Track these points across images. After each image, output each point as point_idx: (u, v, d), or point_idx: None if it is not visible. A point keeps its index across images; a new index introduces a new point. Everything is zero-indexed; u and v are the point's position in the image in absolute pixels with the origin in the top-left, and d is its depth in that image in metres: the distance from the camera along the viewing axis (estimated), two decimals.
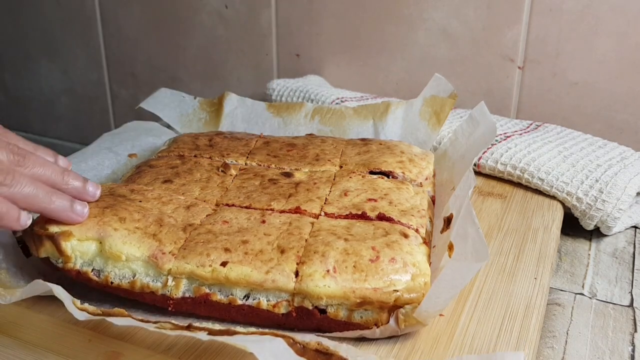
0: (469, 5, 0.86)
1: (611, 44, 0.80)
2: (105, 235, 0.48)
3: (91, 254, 0.48)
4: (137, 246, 0.47)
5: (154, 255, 0.47)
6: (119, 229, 0.48)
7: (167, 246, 0.48)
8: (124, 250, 0.47)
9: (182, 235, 0.49)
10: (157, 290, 0.47)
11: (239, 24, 1.04)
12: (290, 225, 0.50)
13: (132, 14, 1.13)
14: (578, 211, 0.65)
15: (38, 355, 0.44)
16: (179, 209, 0.52)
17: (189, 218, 0.51)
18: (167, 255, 0.47)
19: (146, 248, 0.47)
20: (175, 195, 0.55)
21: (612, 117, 0.83)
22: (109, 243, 0.47)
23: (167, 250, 0.47)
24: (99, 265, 0.48)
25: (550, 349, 0.49)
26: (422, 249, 0.48)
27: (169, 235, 0.48)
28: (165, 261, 0.47)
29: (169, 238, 0.48)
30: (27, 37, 1.27)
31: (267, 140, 0.68)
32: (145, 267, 0.47)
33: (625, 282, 0.58)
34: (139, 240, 0.48)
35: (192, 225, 0.50)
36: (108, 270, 0.48)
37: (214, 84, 1.11)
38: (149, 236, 0.48)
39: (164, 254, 0.47)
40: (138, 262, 0.47)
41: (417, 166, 0.62)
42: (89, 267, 0.48)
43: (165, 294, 0.47)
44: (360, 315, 0.45)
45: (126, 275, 0.48)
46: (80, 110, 1.28)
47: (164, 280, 0.47)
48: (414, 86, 0.92)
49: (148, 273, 0.47)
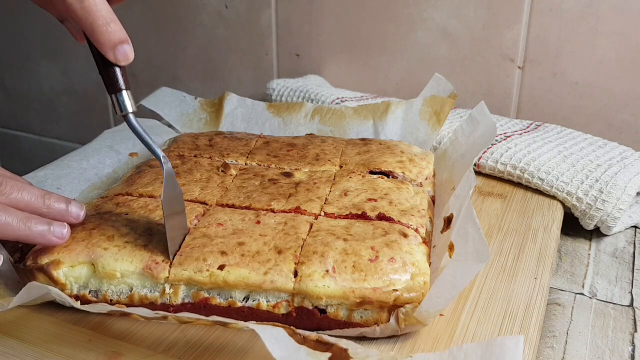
0: (469, 5, 0.86)
1: (611, 44, 0.80)
2: (95, 256, 0.47)
3: (85, 277, 0.48)
4: (129, 260, 0.47)
5: (148, 267, 0.47)
6: (108, 247, 0.48)
7: (159, 255, 0.47)
8: (117, 268, 0.47)
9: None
10: (156, 300, 0.47)
11: (239, 24, 1.04)
12: (285, 225, 0.50)
13: (132, 14, 1.13)
14: (578, 211, 0.65)
15: (38, 355, 0.44)
16: None
17: None
18: (160, 264, 0.47)
19: (139, 261, 0.47)
20: (159, 199, 0.55)
21: (612, 117, 0.83)
22: (102, 263, 0.47)
23: (160, 259, 0.47)
24: (94, 286, 0.48)
25: (550, 349, 0.49)
26: (422, 248, 0.48)
27: (159, 244, 0.48)
28: (160, 270, 0.47)
29: (159, 247, 0.48)
30: (27, 37, 1.27)
31: (267, 140, 0.68)
32: (141, 280, 0.47)
33: (625, 282, 0.58)
34: (130, 254, 0.47)
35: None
36: (104, 289, 0.48)
37: (214, 83, 1.11)
38: (140, 248, 0.48)
39: (158, 263, 0.47)
40: (133, 276, 0.47)
41: (417, 166, 0.62)
42: (86, 290, 0.48)
43: (165, 302, 0.47)
44: (360, 315, 0.45)
45: (123, 290, 0.48)
46: (80, 110, 1.28)
47: (162, 289, 0.47)
48: (414, 86, 0.92)
49: (145, 285, 0.47)
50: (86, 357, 0.43)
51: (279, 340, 0.37)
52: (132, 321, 0.47)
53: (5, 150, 1.42)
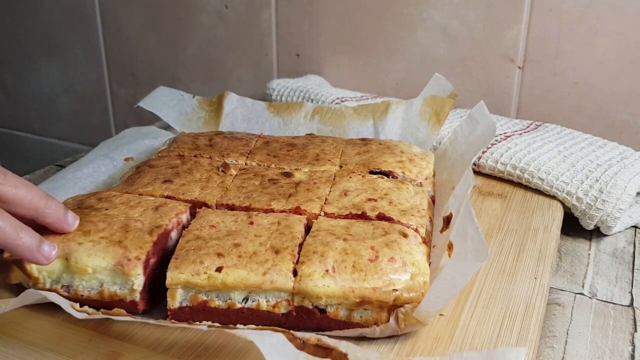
0: (469, 5, 0.86)
1: (611, 44, 0.80)
2: (70, 251, 0.48)
3: (57, 271, 0.48)
4: (101, 256, 0.47)
5: (119, 263, 0.47)
6: (83, 242, 0.48)
7: (133, 252, 0.47)
8: (89, 263, 0.47)
9: (148, 239, 0.48)
10: (126, 297, 0.47)
11: (239, 24, 1.04)
12: (279, 225, 0.50)
13: (132, 14, 1.13)
14: (578, 211, 0.65)
15: (38, 355, 0.44)
16: (147, 211, 0.52)
17: (156, 220, 0.51)
18: (132, 260, 0.47)
19: (111, 257, 0.47)
20: (144, 196, 0.55)
21: (612, 117, 0.83)
22: (75, 258, 0.47)
23: (133, 256, 0.47)
24: (66, 281, 0.48)
25: (550, 349, 0.49)
26: (422, 248, 0.48)
27: (134, 241, 0.48)
28: (131, 267, 0.47)
29: (134, 243, 0.48)
30: (27, 36, 1.27)
31: (267, 140, 0.68)
32: (111, 276, 0.47)
33: (625, 282, 0.58)
34: (104, 250, 0.47)
35: (159, 227, 0.50)
36: (76, 284, 0.48)
37: (213, 83, 1.11)
38: (115, 244, 0.48)
39: (130, 260, 0.47)
40: (105, 272, 0.47)
41: (417, 166, 0.62)
42: (58, 285, 0.48)
43: (134, 300, 0.47)
44: (360, 314, 0.45)
45: (94, 286, 0.48)
46: (80, 110, 1.28)
47: (130, 286, 0.47)
48: (414, 86, 0.92)
49: (115, 281, 0.47)
50: (86, 357, 0.43)
51: (277, 349, 0.37)
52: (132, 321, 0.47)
53: (5, 150, 1.42)
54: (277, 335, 0.39)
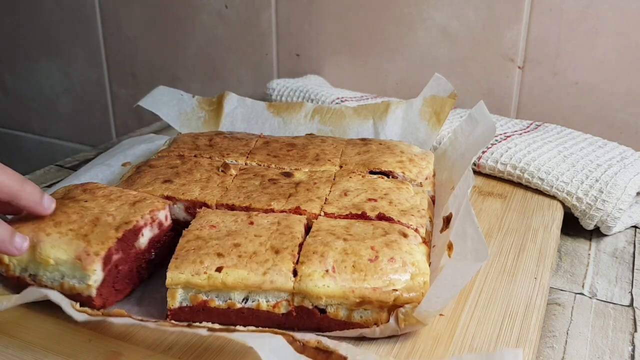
0: (469, 5, 0.86)
1: (611, 44, 0.80)
2: (37, 241, 0.48)
3: (25, 260, 0.48)
4: (64, 249, 0.47)
5: (79, 257, 0.47)
6: (51, 233, 0.48)
7: (94, 247, 0.47)
8: (51, 255, 0.47)
9: (112, 235, 0.48)
10: (83, 291, 0.47)
11: (239, 24, 1.04)
12: (279, 225, 0.50)
13: (132, 14, 1.13)
14: (578, 211, 0.65)
15: (38, 355, 0.44)
16: (123, 205, 0.52)
17: (129, 215, 0.51)
18: (91, 256, 0.47)
19: (72, 250, 0.47)
20: (126, 191, 0.55)
21: (612, 117, 0.83)
22: (40, 248, 0.48)
23: (92, 251, 0.47)
24: (32, 270, 0.48)
25: (550, 349, 0.49)
26: (422, 248, 0.48)
27: (99, 236, 0.48)
28: (89, 262, 0.47)
29: (98, 238, 0.48)
30: (27, 36, 1.27)
31: (267, 140, 0.68)
32: (72, 269, 0.47)
33: (625, 282, 0.58)
34: (68, 243, 0.48)
35: (128, 223, 0.50)
36: (40, 274, 0.48)
37: (213, 83, 1.11)
38: (80, 237, 0.48)
39: (89, 255, 0.47)
40: (66, 265, 0.47)
41: (417, 166, 0.62)
42: (26, 273, 0.49)
43: (90, 295, 0.47)
44: (360, 314, 0.45)
45: (56, 277, 0.48)
46: (80, 110, 1.29)
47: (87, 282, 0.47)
48: (414, 86, 0.92)
49: (74, 275, 0.47)
50: (86, 357, 0.43)
51: (277, 352, 0.37)
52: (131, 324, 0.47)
53: (5, 150, 1.42)
54: (277, 338, 0.39)
